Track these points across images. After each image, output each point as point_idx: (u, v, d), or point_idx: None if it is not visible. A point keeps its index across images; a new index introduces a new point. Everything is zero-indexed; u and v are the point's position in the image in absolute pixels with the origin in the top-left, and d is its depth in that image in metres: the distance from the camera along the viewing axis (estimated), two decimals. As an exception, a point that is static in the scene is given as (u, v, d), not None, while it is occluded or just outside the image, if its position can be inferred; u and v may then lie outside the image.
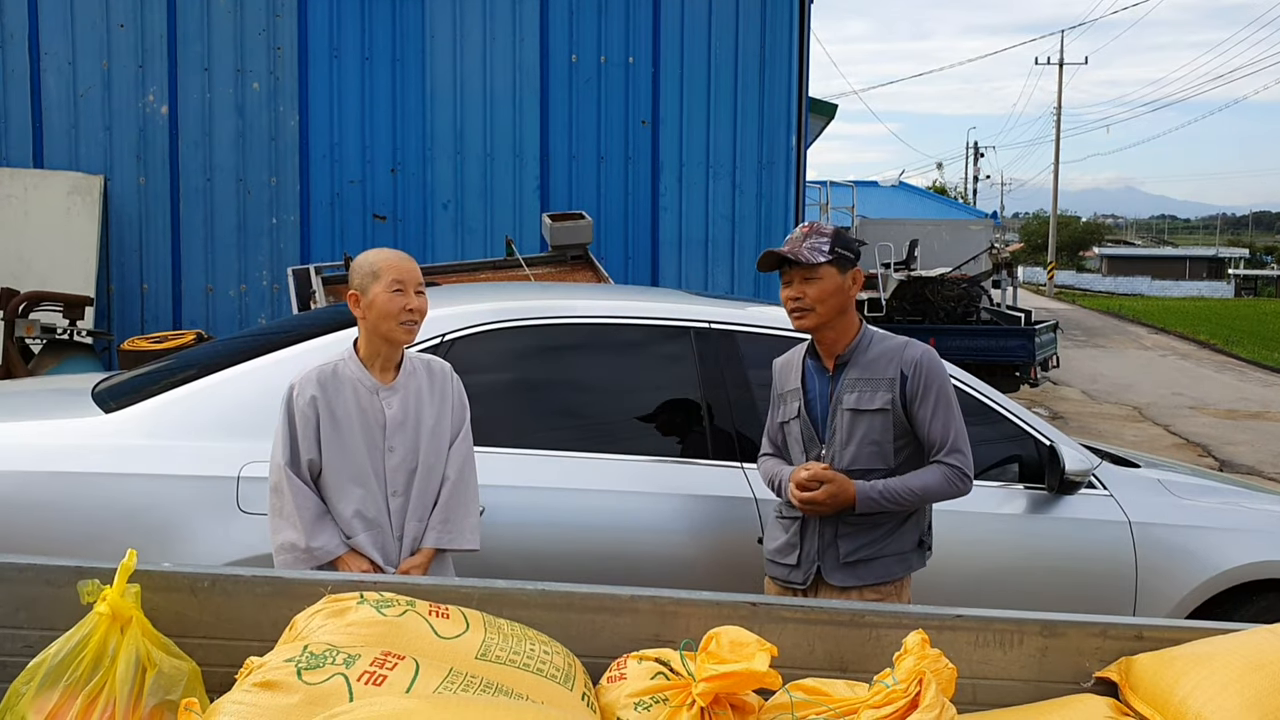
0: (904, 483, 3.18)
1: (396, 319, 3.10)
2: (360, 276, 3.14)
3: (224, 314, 9.18)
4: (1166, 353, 26.25)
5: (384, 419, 3.12)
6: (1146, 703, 2.25)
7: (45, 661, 2.05)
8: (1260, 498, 4.41)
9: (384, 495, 3.11)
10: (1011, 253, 19.23)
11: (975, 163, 67.57)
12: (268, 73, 9.14)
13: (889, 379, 3.22)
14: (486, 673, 1.99)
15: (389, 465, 3.11)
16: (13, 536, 3.25)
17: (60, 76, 8.98)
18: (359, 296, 3.13)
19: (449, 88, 9.32)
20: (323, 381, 3.10)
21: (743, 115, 9.53)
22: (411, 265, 3.19)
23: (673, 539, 3.70)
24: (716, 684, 2.03)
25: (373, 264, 3.15)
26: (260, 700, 1.83)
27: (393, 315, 3.10)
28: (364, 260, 3.18)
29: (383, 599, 2.10)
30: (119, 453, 3.53)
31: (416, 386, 3.20)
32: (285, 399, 3.11)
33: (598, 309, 4.08)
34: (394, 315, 3.10)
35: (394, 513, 3.11)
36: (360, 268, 3.17)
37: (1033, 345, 13.71)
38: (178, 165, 9.11)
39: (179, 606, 2.27)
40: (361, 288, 3.13)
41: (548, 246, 7.86)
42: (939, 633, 2.33)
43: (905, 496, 3.18)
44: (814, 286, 3.20)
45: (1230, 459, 12.10)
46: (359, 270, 3.16)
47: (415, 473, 3.14)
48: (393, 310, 3.10)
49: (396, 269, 3.15)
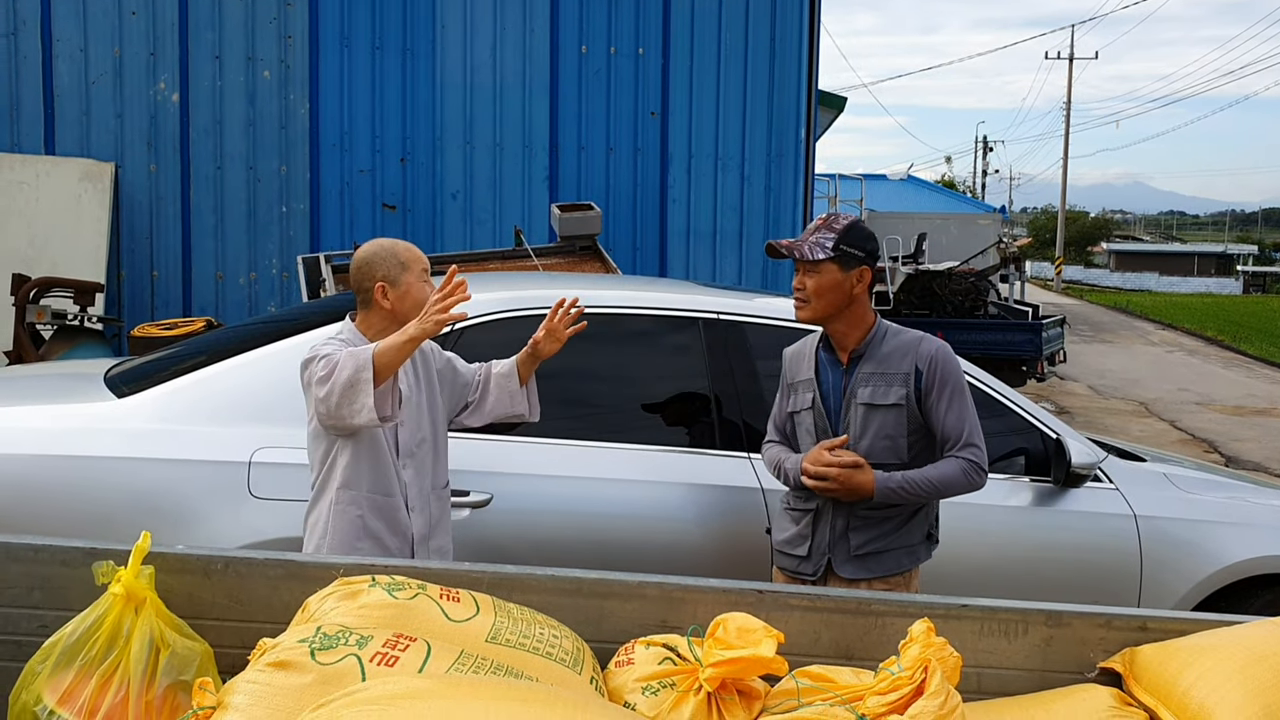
0: (923, 475, 3.19)
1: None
2: (387, 266, 3.10)
3: (234, 301, 9.21)
4: (1174, 348, 26.19)
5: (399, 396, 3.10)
6: (1150, 693, 2.26)
7: (60, 641, 2.08)
8: (1265, 493, 4.43)
9: (394, 467, 3.12)
10: (1020, 247, 19.20)
11: (984, 157, 67.50)
12: (278, 61, 9.16)
13: (904, 374, 3.23)
14: (496, 655, 2.01)
15: (401, 438, 3.14)
16: (27, 519, 3.28)
17: (72, 64, 9.00)
18: (386, 287, 3.09)
19: (459, 78, 9.33)
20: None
21: (752, 107, 9.53)
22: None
23: (680, 528, 3.72)
24: (723, 669, 2.05)
25: (397, 253, 3.12)
26: (274, 680, 1.86)
27: (425, 303, 3.03)
28: (384, 250, 3.14)
29: (394, 582, 2.13)
30: (131, 437, 3.56)
31: (412, 372, 3.22)
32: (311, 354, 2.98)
33: (606, 299, 4.09)
34: (426, 304, 3.05)
35: (407, 483, 3.13)
36: (383, 258, 3.12)
37: (1040, 340, 13.69)
38: (188, 153, 9.14)
39: (192, 588, 2.30)
40: (390, 278, 3.10)
41: (556, 237, 7.87)
42: (944, 622, 2.34)
43: (924, 488, 3.19)
44: (813, 279, 3.22)
45: (1236, 455, 12.09)
46: (383, 260, 3.11)
47: (423, 444, 3.18)
48: (425, 298, 3.07)
49: (421, 258, 3.15)
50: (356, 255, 3.20)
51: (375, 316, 3.14)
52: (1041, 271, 60.47)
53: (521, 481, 3.64)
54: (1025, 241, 21.24)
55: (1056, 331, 14.70)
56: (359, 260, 3.17)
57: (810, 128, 9.65)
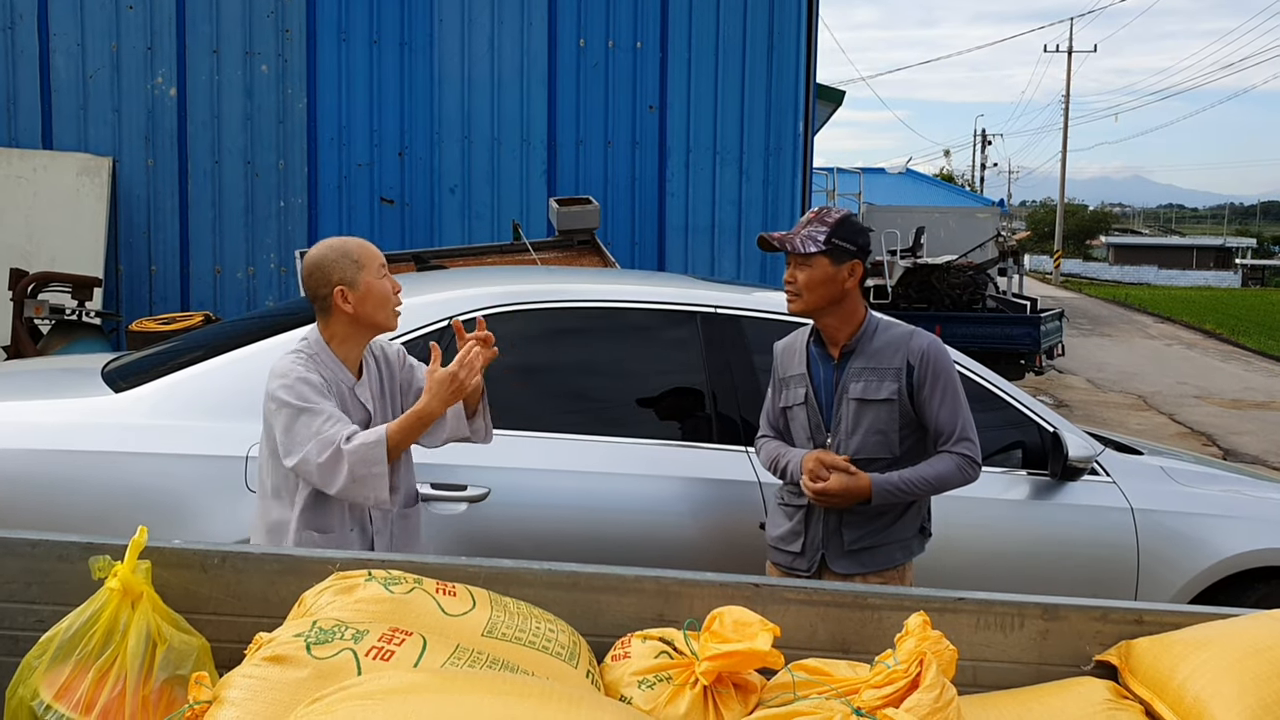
0: (918, 473, 3.20)
1: (392, 304, 3.00)
2: (342, 269, 2.94)
3: (232, 296, 9.20)
4: (1172, 342, 26.20)
5: (366, 415, 3.02)
6: (1146, 686, 2.26)
7: (57, 636, 2.08)
8: (1263, 485, 4.43)
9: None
10: (1018, 241, 19.16)
11: (983, 150, 67.40)
12: (276, 55, 9.15)
13: (895, 369, 3.23)
14: (492, 649, 2.01)
15: None
16: (24, 513, 3.28)
17: (69, 58, 8.98)
18: (346, 290, 2.93)
19: (457, 72, 9.32)
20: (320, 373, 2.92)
21: (750, 101, 9.52)
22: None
23: (677, 522, 3.72)
24: (720, 663, 2.05)
25: (349, 252, 2.96)
26: (270, 674, 1.86)
27: (389, 300, 2.99)
28: (334, 251, 2.97)
29: (390, 576, 2.13)
30: (129, 431, 3.56)
31: (378, 380, 3.10)
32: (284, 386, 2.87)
33: (604, 293, 4.09)
34: (390, 300, 2.99)
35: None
36: (335, 260, 2.95)
37: (1038, 333, 13.69)
38: (186, 147, 9.13)
39: (189, 583, 2.30)
40: (348, 280, 2.93)
41: (554, 231, 7.86)
42: (940, 615, 2.35)
43: (920, 486, 3.20)
44: (804, 273, 3.21)
45: (1235, 448, 12.10)
46: (336, 262, 2.95)
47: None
48: (388, 294, 2.98)
49: (374, 253, 2.99)
50: (306, 261, 3.00)
51: (338, 323, 2.98)
52: (1040, 265, 60.51)
53: (520, 475, 3.64)
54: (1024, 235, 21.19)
55: (1055, 325, 14.69)
56: (310, 266, 2.98)
57: (808, 121, 9.64)
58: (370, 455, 2.79)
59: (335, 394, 2.94)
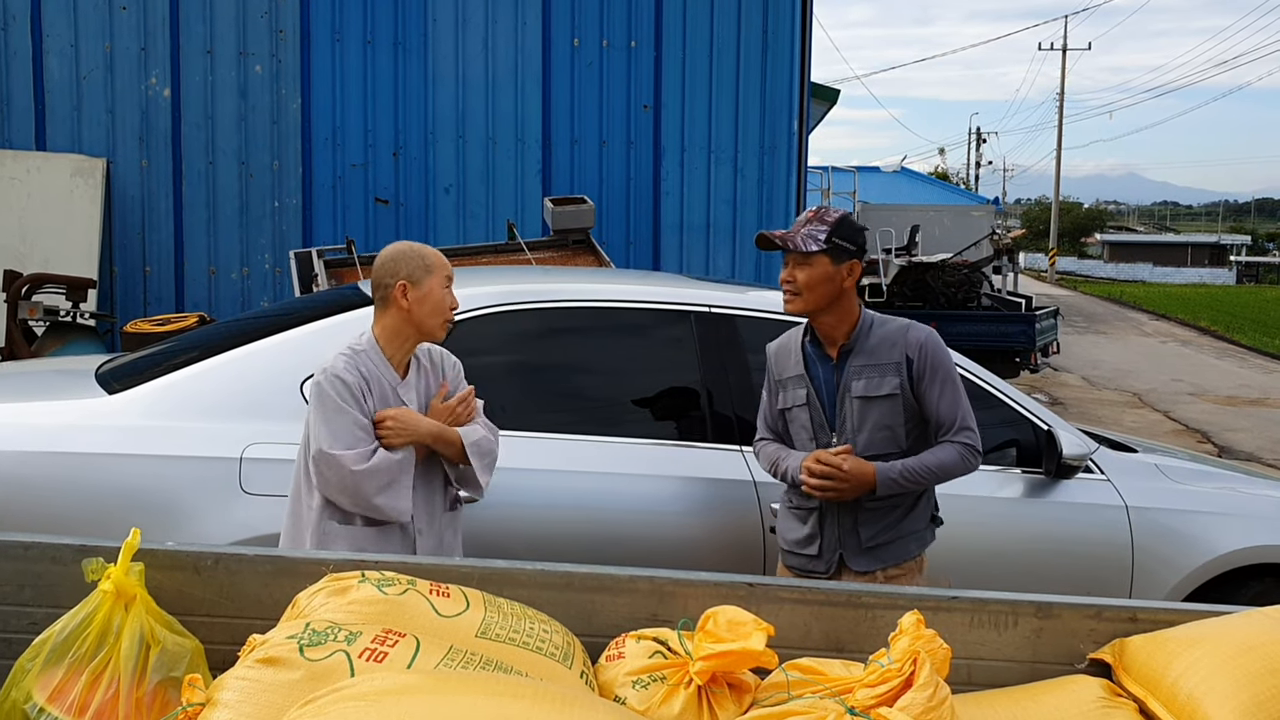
0: (921, 462, 3.22)
1: (446, 315, 3.07)
2: (410, 266, 3.04)
3: (226, 297, 9.20)
4: (1167, 339, 26.24)
5: None
6: (1140, 684, 2.26)
7: (50, 638, 2.07)
8: (1257, 483, 4.43)
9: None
10: (1013, 239, 19.18)
11: (978, 148, 67.46)
12: (270, 56, 9.14)
13: (895, 363, 3.24)
14: (486, 650, 2.01)
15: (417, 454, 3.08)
16: (17, 515, 3.27)
17: (63, 59, 8.97)
18: (408, 286, 3.03)
19: (451, 72, 9.32)
20: (360, 371, 3.00)
21: (745, 100, 9.52)
22: None
23: (672, 521, 3.72)
24: (714, 663, 2.05)
25: (424, 255, 3.07)
26: (263, 676, 1.86)
27: (444, 311, 3.06)
28: (411, 250, 3.08)
29: (384, 578, 2.12)
30: (123, 433, 3.55)
31: (424, 383, 3.16)
32: (327, 383, 2.97)
33: (600, 293, 4.09)
34: (445, 311, 3.06)
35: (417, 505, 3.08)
36: (409, 257, 3.06)
37: (1033, 331, 13.70)
38: (180, 148, 9.12)
39: (182, 585, 2.29)
40: (413, 278, 3.03)
41: (549, 231, 7.86)
42: (934, 614, 2.34)
43: (924, 476, 3.22)
44: (804, 272, 3.21)
45: (1230, 445, 12.12)
46: (408, 260, 3.05)
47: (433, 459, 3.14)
48: (445, 306, 3.06)
49: (445, 265, 3.09)
50: (381, 253, 3.13)
51: (390, 317, 3.07)
52: (1035, 263, 60.53)
53: (514, 475, 3.63)
54: (1019, 233, 21.23)
55: (1050, 323, 14.71)
56: (384, 257, 3.10)
57: (803, 120, 9.64)
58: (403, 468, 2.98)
59: (376, 391, 3.01)
